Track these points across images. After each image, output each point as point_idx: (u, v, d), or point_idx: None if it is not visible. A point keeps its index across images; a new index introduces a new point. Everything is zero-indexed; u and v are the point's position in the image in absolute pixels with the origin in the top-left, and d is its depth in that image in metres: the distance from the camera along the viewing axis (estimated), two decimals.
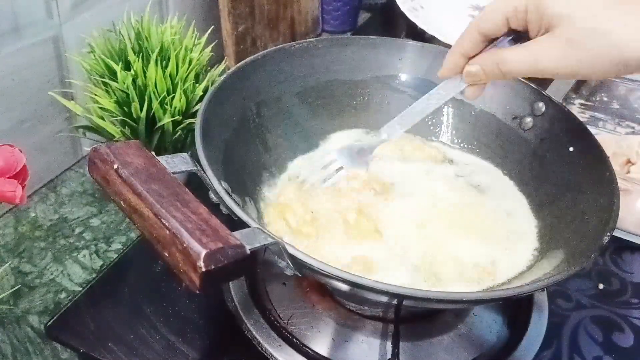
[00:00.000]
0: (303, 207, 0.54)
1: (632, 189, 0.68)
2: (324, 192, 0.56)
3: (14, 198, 0.45)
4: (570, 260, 0.47)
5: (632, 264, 0.67)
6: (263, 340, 0.52)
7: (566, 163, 0.57)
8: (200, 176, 0.44)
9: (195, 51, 0.66)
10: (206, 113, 0.51)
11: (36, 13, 0.63)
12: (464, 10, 1.10)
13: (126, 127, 0.62)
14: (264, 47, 0.93)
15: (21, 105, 0.65)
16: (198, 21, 0.73)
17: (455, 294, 0.45)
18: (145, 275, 0.60)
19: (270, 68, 0.61)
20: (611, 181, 0.51)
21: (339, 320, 0.55)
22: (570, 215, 0.53)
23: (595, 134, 0.57)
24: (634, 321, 0.60)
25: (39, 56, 0.65)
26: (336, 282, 0.41)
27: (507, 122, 0.63)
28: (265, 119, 0.61)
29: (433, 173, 0.62)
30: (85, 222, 0.67)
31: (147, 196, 0.35)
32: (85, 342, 0.53)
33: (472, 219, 0.57)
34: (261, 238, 0.37)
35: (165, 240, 0.34)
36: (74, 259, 0.63)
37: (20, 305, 0.58)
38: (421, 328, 0.55)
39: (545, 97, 0.61)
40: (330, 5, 1.09)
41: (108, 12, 0.71)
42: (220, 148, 0.52)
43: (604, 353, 0.57)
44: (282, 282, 0.58)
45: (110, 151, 0.38)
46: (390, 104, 0.67)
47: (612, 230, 0.46)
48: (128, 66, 0.62)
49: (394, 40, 0.68)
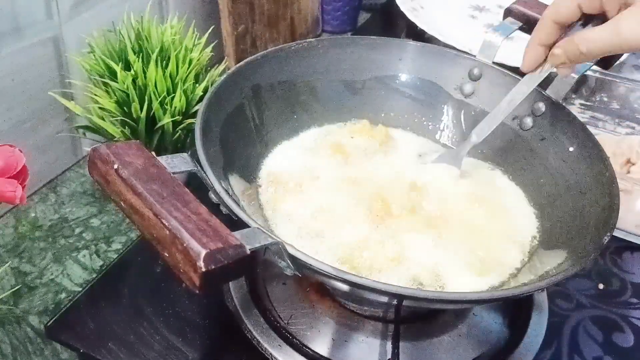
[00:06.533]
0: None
1: (632, 189, 0.68)
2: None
3: (14, 198, 0.45)
4: (570, 260, 0.47)
5: (632, 264, 0.67)
6: (263, 340, 0.52)
7: (566, 163, 0.57)
8: (200, 176, 0.44)
9: (195, 51, 0.66)
10: (206, 113, 0.51)
11: (36, 13, 0.63)
12: (464, 10, 1.10)
13: (126, 127, 0.62)
14: (264, 47, 0.93)
15: (21, 105, 0.65)
16: (198, 21, 0.73)
17: (455, 294, 0.46)
18: (145, 275, 0.60)
19: (270, 68, 0.61)
20: (611, 181, 0.51)
21: (339, 320, 0.55)
22: (570, 215, 0.53)
23: (595, 134, 0.57)
24: (634, 321, 0.60)
25: (39, 56, 0.65)
26: (336, 282, 0.41)
27: (507, 122, 0.63)
28: (266, 119, 0.61)
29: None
30: (85, 222, 0.67)
31: (147, 196, 0.35)
32: (85, 342, 0.53)
33: (472, 219, 0.57)
34: (261, 238, 0.37)
35: (165, 240, 0.34)
36: (74, 259, 0.63)
37: (20, 305, 0.58)
38: (421, 328, 0.55)
39: (545, 97, 0.61)
40: (330, 5, 1.09)
41: (108, 12, 0.71)
42: (220, 148, 0.52)
43: (604, 353, 0.57)
44: (282, 282, 0.58)
45: (110, 151, 0.38)
46: (390, 103, 0.67)
47: (612, 230, 0.46)
48: (128, 66, 0.62)
49: (394, 40, 0.68)
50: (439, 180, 0.61)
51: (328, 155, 0.61)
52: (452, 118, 0.67)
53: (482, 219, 0.57)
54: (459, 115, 0.67)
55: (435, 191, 0.59)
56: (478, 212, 0.58)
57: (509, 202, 0.60)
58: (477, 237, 0.55)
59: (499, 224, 0.57)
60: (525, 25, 0.62)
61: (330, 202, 0.56)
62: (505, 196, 0.60)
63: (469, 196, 0.59)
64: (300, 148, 0.62)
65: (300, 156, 0.61)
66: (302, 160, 0.61)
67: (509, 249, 0.54)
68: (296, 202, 0.56)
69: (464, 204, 0.58)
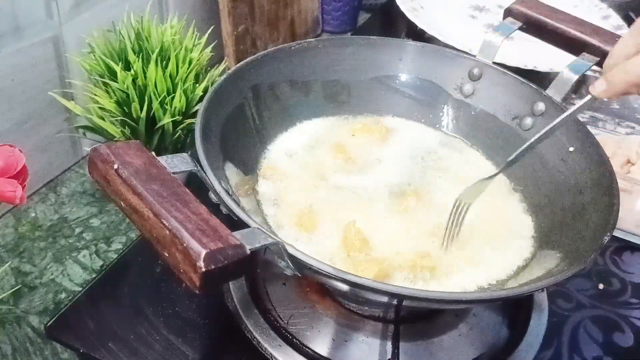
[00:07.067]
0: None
1: (632, 189, 0.68)
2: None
3: (14, 198, 0.45)
4: (570, 260, 0.47)
5: (632, 264, 0.67)
6: (263, 340, 0.52)
7: (566, 163, 0.57)
8: (200, 176, 0.44)
9: (195, 51, 0.66)
10: (206, 113, 0.51)
11: (36, 13, 0.63)
12: (464, 10, 1.10)
13: (126, 127, 0.62)
14: (264, 47, 0.93)
15: (21, 105, 0.65)
16: (198, 21, 0.73)
17: (455, 294, 0.45)
18: (145, 275, 0.60)
19: (270, 68, 0.61)
20: (611, 181, 0.51)
21: (339, 320, 0.55)
22: (570, 215, 0.53)
23: (595, 134, 0.57)
24: (634, 321, 0.60)
25: (39, 56, 0.65)
26: (336, 282, 0.41)
27: (507, 122, 0.63)
28: (266, 119, 0.61)
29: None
30: (85, 222, 0.67)
31: (147, 196, 0.35)
32: (85, 342, 0.53)
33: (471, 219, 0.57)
34: (261, 238, 0.37)
35: (165, 240, 0.34)
36: (74, 259, 0.63)
37: (20, 306, 0.58)
38: (421, 328, 0.55)
39: (545, 97, 0.61)
40: (330, 5, 1.09)
41: (108, 12, 0.71)
42: (220, 148, 0.52)
43: (604, 353, 0.57)
44: (282, 282, 0.58)
45: (110, 151, 0.38)
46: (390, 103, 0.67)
47: (612, 230, 0.46)
48: (128, 66, 0.62)
49: (394, 40, 0.68)
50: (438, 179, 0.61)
51: (329, 155, 0.61)
52: (452, 118, 0.67)
53: (482, 219, 0.57)
54: (459, 115, 0.67)
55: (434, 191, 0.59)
56: (477, 212, 0.58)
57: (509, 202, 0.60)
58: (476, 237, 0.55)
59: (498, 224, 0.57)
60: (525, 25, 0.62)
61: (331, 203, 0.56)
62: (504, 196, 0.60)
63: None
64: (300, 147, 0.62)
65: (301, 155, 0.61)
66: (302, 159, 0.61)
67: (509, 248, 0.54)
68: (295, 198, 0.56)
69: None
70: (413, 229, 0.55)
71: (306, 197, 0.56)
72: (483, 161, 0.64)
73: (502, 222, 0.57)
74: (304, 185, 0.58)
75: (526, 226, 0.57)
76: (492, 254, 0.54)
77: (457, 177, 0.61)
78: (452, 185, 0.60)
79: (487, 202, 0.59)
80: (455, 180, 0.61)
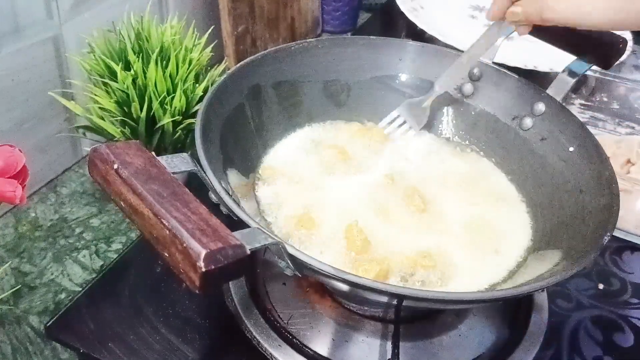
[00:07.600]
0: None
1: (632, 189, 0.68)
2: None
3: (14, 198, 0.45)
4: (570, 260, 0.47)
5: (632, 264, 0.67)
6: (263, 340, 0.52)
7: (566, 163, 0.57)
8: (200, 176, 0.44)
9: (195, 51, 0.66)
10: (206, 113, 0.51)
11: (36, 13, 0.63)
12: (464, 10, 1.10)
13: (126, 127, 0.62)
14: (264, 47, 0.93)
15: (21, 105, 0.65)
16: (198, 21, 0.73)
17: (455, 294, 0.45)
18: (145, 275, 0.60)
19: (270, 68, 0.61)
20: (611, 181, 0.51)
21: (339, 320, 0.55)
22: (570, 215, 0.53)
23: (595, 134, 0.57)
24: (634, 321, 0.60)
25: (39, 56, 0.65)
26: (336, 282, 0.41)
27: (507, 122, 0.63)
28: (266, 119, 0.61)
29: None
30: (85, 222, 0.67)
31: (147, 196, 0.35)
32: (85, 342, 0.53)
33: (472, 218, 0.57)
34: (261, 238, 0.37)
35: (165, 240, 0.34)
36: (74, 259, 0.63)
37: (20, 305, 0.58)
38: (421, 328, 0.55)
39: (545, 97, 0.61)
40: (330, 5, 1.09)
41: (108, 12, 0.71)
42: (220, 148, 0.52)
43: (604, 353, 0.57)
44: (282, 282, 0.58)
45: (110, 151, 0.38)
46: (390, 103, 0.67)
47: (612, 230, 0.46)
48: (128, 66, 0.62)
49: (394, 40, 0.68)
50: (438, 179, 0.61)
51: (328, 155, 0.61)
52: (452, 118, 0.67)
53: (482, 219, 0.57)
54: (458, 116, 0.67)
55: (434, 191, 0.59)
56: (477, 212, 0.58)
57: (509, 202, 0.60)
58: (476, 236, 0.55)
59: (497, 224, 0.57)
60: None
61: (331, 203, 0.56)
62: (503, 196, 0.60)
63: (467, 195, 0.59)
64: (300, 148, 0.62)
65: (300, 155, 0.61)
66: (302, 159, 0.61)
67: (509, 248, 0.54)
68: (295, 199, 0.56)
69: (463, 204, 0.58)
70: (413, 228, 0.55)
71: (306, 197, 0.56)
72: (483, 161, 0.64)
73: (501, 222, 0.57)
74: (304, 186, 0.58)
75: (525, 226, 0.57)
76: (492, 254, 0.54)
77: (457, 177, 0.61)
78: (452, 185, 0.60)
79: (487, 203, 0.59)
80: (455, 180, 0.61)
